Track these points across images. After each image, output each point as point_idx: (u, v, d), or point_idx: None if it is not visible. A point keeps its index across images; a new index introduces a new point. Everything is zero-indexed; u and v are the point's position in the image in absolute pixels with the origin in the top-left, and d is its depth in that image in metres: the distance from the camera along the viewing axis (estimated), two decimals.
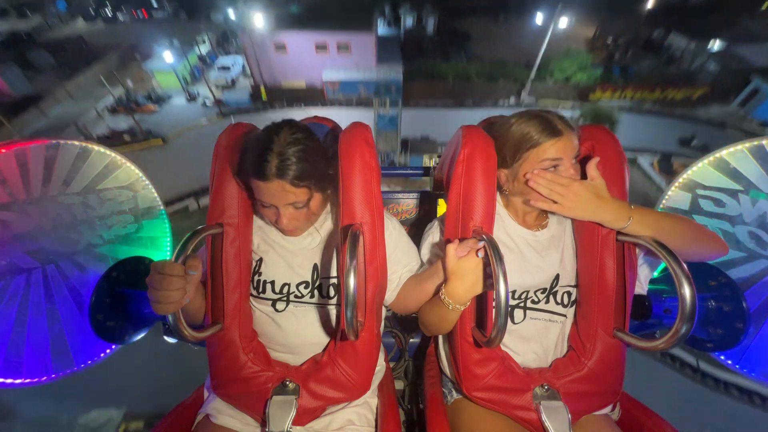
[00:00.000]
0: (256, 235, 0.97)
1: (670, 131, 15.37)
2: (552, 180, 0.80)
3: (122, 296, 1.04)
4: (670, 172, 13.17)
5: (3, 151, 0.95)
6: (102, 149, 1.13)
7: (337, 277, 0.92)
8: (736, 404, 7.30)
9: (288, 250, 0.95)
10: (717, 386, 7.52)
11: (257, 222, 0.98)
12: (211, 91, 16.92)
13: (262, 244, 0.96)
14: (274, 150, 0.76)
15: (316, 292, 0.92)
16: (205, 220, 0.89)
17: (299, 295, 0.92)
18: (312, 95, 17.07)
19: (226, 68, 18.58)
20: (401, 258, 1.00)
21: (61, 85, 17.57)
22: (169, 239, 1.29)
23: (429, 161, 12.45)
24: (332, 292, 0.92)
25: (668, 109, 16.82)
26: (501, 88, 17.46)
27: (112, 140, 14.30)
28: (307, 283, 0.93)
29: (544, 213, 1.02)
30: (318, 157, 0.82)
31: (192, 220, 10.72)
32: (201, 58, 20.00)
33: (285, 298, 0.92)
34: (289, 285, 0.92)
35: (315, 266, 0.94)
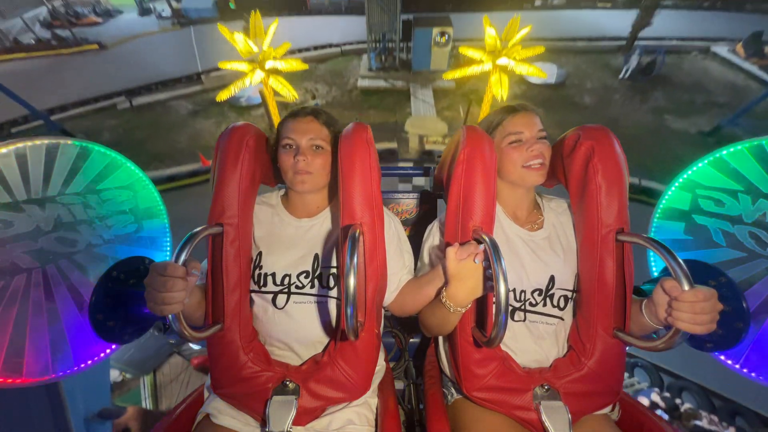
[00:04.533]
0: (257, 228, 0.98)
1: (742, 24, 13.88)
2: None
3: (122, 296, 1.04)
4: (761, 55, 11.35)
5: (3, 150, 0.95)
6: (102, 149, 1.13)
7: (337, 267, 0.93)
8: None
9: (290, 240, 0.97)
10: None
11: (258, 215, 0.99)
12: (168, 1, 15.26)
13: (264, 237, 0.97)
14: (311, 106, 1.03)
15: (316, 281, 0.93)
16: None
17: (300, 285, 0.93)
18: (291, 0, 14.82)
19: None
20: (401, 259, 1.01)
21: None
22: (169, 239, 1.29)
23: (441, 38, 10.43)
24: (332, 282, 0.93)
25: (734, 4, 15.14)
26: None
27: (36, 47, 13.29)
28: (307, 272, 0.93)
29: (536, 209, 1.03)
30: (338, 127, 1.01)
31: (120, 119, 10.08)
32: None
33: (286, 290, 0.92)
34: (290, 276, 0.93)
35: (316, 256, 0.95)
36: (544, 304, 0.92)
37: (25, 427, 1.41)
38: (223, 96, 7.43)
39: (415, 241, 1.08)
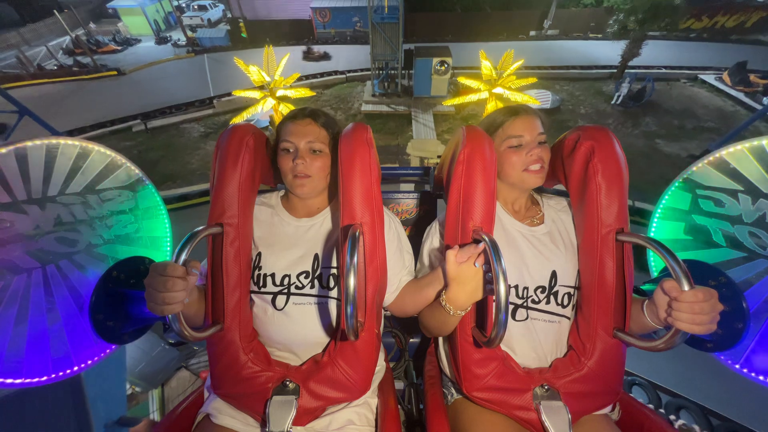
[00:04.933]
0: (257, 228, 0.97)
1: (726, 53, 14.74)
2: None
3: (122, 296, 1.04)
4: (747, 83, 11.80)
5: (3, 150, 0.95)
6: (102, 149, 1.13)
7: (338, 267, 0.93)
8: None
9: (289, 240, 0.97)
10: None
11: (257, 216, 0.99)
12: (184, 31, 16.21)
13: (264, 237, 0.97)
14: (310, 108, 1.02)
15: (316, 282, 0.93)
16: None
17: (300, 285, 0.92)
18: (299, 31, 15.77)
19: (203, 8, 17.55)
20: (402, 259, 1.01)
21: (15, 30, 16.79)
22: (169, 239, 1.29)
23: (441, 67, 11.07)
24: (332, 283, 0.93)
25: (720, 35, 15.70)
26: (518, 19, 15.18)
27: (58, 73, 14.07)
28: (307, 273, 0.93)
29: (534, 203, 1.04)
30: (337, 128, 1.01)
31: (134, 141, 10.62)
32: (178, 7, 18.87)
33: (286, 290, 0.92)
34: (289, 276, 0.93)
35: (316, 256, 0.95)
36: (548, 302, 0.92)
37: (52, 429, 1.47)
38: (235, 120, 7.98)
39: (415, 241, 1.08)
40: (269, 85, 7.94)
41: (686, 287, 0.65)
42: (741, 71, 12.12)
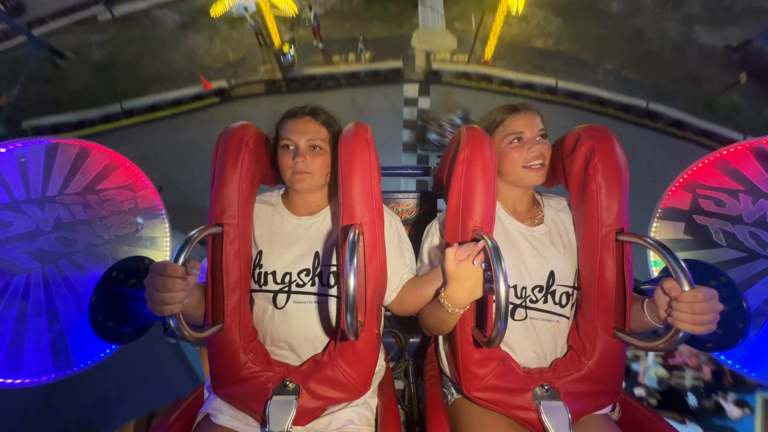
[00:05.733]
0: (257, 226, 0.97)
1: None
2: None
3: (122, 296, 1.04)
4: None
5: (3, 150, 0.95)
6: (102, 149, 1.13)
7: (338, 265, 0.93)
8: None
9: (289, 238, 0.97)
10: None
11: (258, 214, 0.99)
12: None
13: (265, 235, 0.97)
14: (311, 105, 1.01)
15: (316, 279, 0.93)
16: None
17: (300, 283, 0.92)
18: None
19: None
20: (402, 257, 1.01)
21: None
22: (169, 239, 1.29)
23: None
24: (332, 281, 0.93)
25: None
26: None
27: None
28: (308, 270, 0.93)
29: (536, 205, 1.04)
30: (337, 127, 1.01)
31: (105, 34, 9.30)
32: None
33: (286, 289, 0.92)
34: (290, 274, 0.93)
35: (316, 254, 0.95)
36: (545, 301, 0.92)
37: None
38: (218, 10, 7.07)
39: (415, 240, 1.08)
40: None
41: (686, 287, 0.65)
42: None
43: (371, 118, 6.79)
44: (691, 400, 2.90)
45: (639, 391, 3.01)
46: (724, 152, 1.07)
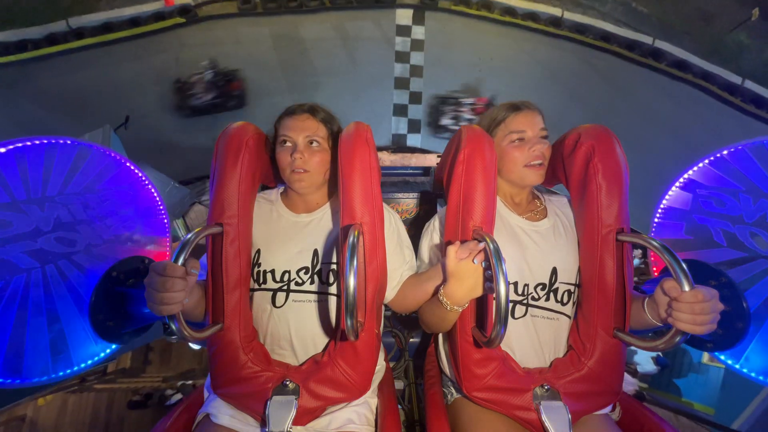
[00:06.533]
0: (256, 224, 0.98)
1: None
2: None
3: (122, 296, 1.04)
4: None
5: (2, 150, 0.95)
6: (102, 149, 1.13)
7: (337, 264, 0.93)
8: None
9: (287, 235, 0.97)
10: None
11: (257, 212, 0.99)
12: None
13: (263, 233, 0.97)
14: (309, 103, 1.01)
15: (315, 277, 0.93)
16: None
17: (299, 281, 0.92)
18: None
19: None
20: (402, 255, 1.01)
21: None
22: (169, 239, 1.29)
23: None
24: (332, 278, 0.93)
25: None
26: None
27: None
28: (307, 268, 0.93)
29: (535, 197, 1.04)
30: (336, 125, 1.02)
31: None
32: None
33: (285, 287, 0.92)
34: (289, 272, 0.93)
35: (315, 251, 0.95)
36: (547, 299, 0.92)
37: None
38: None
39: (415, 241, 1.08)
40: None
41: (686, 287, 0.65)
42: None
43: (359, 47, 6.05)
44: None
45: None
46: (724, 152, 1.07)
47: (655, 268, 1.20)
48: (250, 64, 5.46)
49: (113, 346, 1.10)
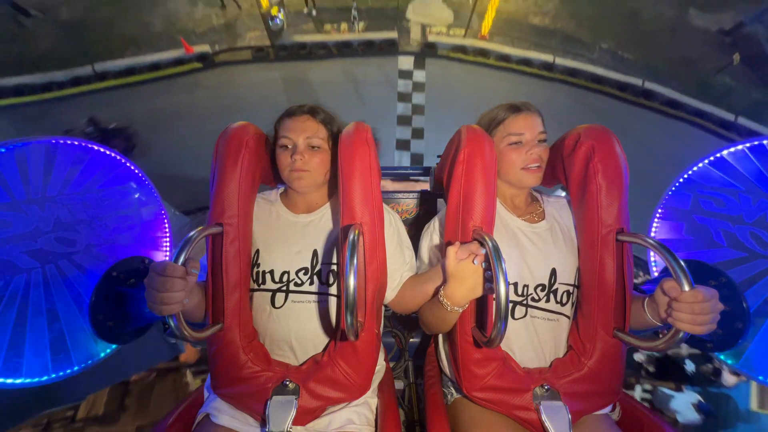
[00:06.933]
0: (256, 224, 0.98)
1: None
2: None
3: (122, 296, 1.04)
4: None
5: (3, 150, 0.95)
6: (102, 149, 1.13)
7: (337, 264, 0.93)
8: None
9: (286, 235, 0.97)
10: None
11: (257, 212, 0.99)
12: None
13: (262, 233, 0.97)
14: (309, 105, 1.01)
15: (315, 278, 0.93)
16: None
17: (299, 282, 0.92)
18: None
19: None
20: (402, 255, 1.01)
21: None
22: (169, 239, 1.29)
23: None
24: (331, 279, 0.93)
25: None
26: None
27: None
28: (306, 269, 0.93)
29: (534, 200, 1.04)
30: (336, 125, 1.01)
31: None
32: None
33: (284, 288, 0.92)
34: (288, 273, 0.93)
35: (314, 252, 0.95)
36: (547, 300, 0.92)
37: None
38: None
39: (415, 241, 1.08)
40: None
41: (686, 287, 0.65)
42: None
43: (364, 89, 6.54)
44: (689, 366, 2.89)
45: (638, 357, 2.99)
46: (724, 152, 1.07)
47: (655, 268, 1.20)
48: (262, 105, 5.83)
49: (113, 346, 1.10)
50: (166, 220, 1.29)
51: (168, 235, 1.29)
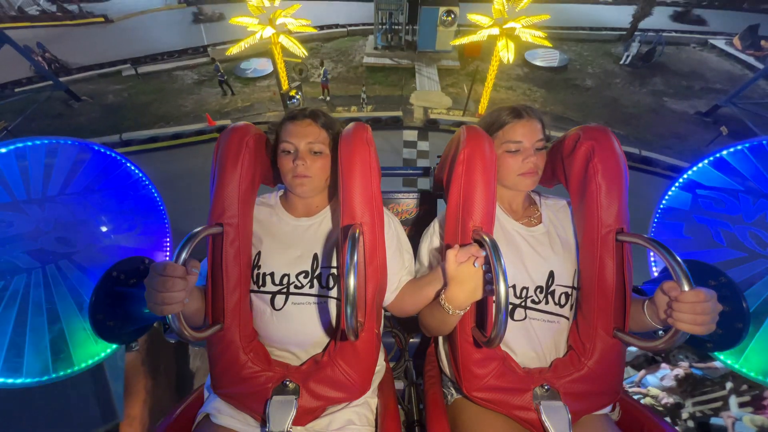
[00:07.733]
0: (256, 228, 0.98)
1: (737, 21, 14.71)
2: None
3: (122, 296, 1.04)
4: (758, 47, 11.93)
5: (3, 150, 0.95)
6: (102, 149, 1.13)
7: (337, 267, 0.93)
8: None
9: (287, 239, 0.97)
10: None
11: (256, 215, 0.99)
12: None
13: (262, 236, 0.97)
14: (311, 109, 1.00)
15: (315, 282, 0.93)
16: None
17: (299, 285, 0.92)
18: None
19: None
20: (401, 259, 1.01)
21: None
22: (169, 239, 1.29)
23: (448, 17, 10.93)
24: (331, 283, 0.93)
25: (731, 3, 16.60)
26: None
27: (41, 18, 13.67)
28: (306, 272, 0.93)
29: (532, 203, 1.04)
30: (337, 129, 1.00)
31: (124, 84, 10.70)
32: None
33: (285, 290, 0.92)
34: (288, 275, 0.93)
35: (315, 256, 0.95)
36: (546, 302, 0.92)
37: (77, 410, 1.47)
38: (232, 50, 7.83)
39: (415, 241, 1.08)
40: (269, 15, 7.68)
41: (686, 287, 0.65)
42: (752, 35, 12.18)
43: None
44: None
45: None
46: (724, 152, 1.07)
47: (655, 269, 1.20)
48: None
49: (113, 346, 1.10)
50: (166, 221, 1.29)
51: (168, 235, 1.29)
